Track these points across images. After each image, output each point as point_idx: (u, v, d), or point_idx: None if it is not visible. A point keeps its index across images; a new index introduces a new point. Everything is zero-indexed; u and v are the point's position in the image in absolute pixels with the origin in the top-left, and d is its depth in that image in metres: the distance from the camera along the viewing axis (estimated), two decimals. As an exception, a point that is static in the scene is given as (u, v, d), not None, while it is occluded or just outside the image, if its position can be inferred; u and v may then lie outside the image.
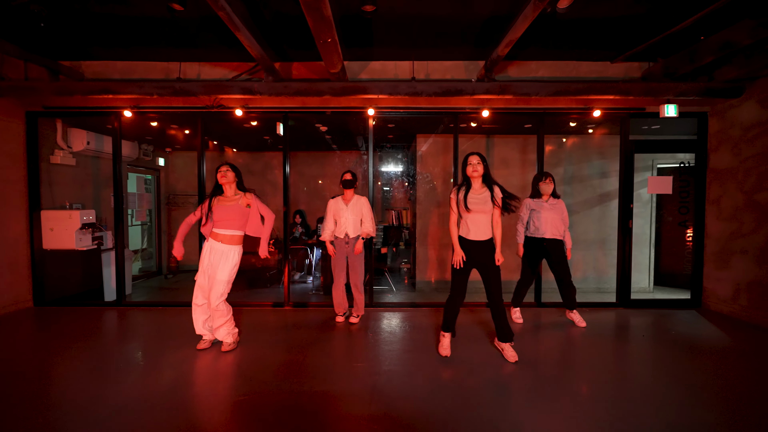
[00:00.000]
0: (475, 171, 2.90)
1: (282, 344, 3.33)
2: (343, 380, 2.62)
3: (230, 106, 4.37)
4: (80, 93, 3.94)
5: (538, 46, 4.03)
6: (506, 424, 2.10)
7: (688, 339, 3.46)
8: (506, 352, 2.97)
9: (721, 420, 2.15)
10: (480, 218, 2.90)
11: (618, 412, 2.23)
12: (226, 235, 3.09)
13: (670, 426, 2.08)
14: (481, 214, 2.89)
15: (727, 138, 4.22)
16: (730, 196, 4.16)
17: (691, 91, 3.95)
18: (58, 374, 2.73)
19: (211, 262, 3.08)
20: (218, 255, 3.07)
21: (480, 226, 2.90)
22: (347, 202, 3.89)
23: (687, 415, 2.19)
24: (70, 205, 4.86)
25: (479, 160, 2.92)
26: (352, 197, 3.91)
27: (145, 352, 3.16)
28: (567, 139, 5.91)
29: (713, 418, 2.17)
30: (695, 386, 2.56)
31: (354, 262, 3.87)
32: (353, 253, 3.85)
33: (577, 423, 2.11)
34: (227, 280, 3.06)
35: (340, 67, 3.70)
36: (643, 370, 2.86)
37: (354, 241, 3.86)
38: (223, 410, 2.23)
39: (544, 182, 3.81)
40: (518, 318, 4.00)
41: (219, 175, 3.16)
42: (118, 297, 4.61)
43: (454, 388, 2.51)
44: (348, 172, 3.93)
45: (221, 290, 3.03)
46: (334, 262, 3.92)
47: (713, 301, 4.37)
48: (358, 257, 3.86)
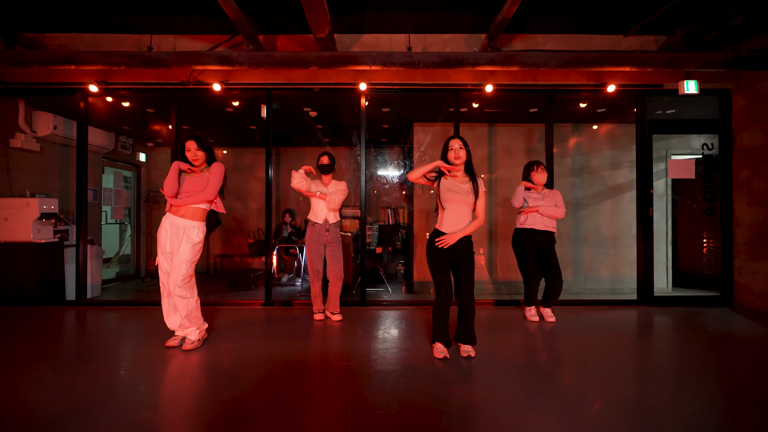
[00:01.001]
0: (457, 157, 2.49)
1: (250, 343, 2.82)
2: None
3: (208, 81, 3.97)
4: (38, 63, 3.53)
5: (545, 14, 3.69)
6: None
7: (730, 337, 2.97)
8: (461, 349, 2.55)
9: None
10: (459, 210, 2.49)
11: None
12: (188, 209, 2.64)
13: None
14: (463, 205, 2.49)
15: (756, 114, 3.83)
16: (763, 178, 3.74)
17: (715, 62, 3.58)
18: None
19: (171, 240, 2.62)
20: (180, 231, 2.61)
21: (459, 218, 2.49)
22: (325, 186, 3.51)
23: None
24: (32, 195, 4.39)
25: (461, 144, 2.52)
26: (330, 182, 3.53)
27: (94, 354, 2.64)
28: (574, 127, 5.52)
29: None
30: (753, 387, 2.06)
31: (333, 250, 3.43)
32: (332, 242, 3.43)
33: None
34: (189, 259, 2.59)
35: (327, 31, 3.32)
36: (687, 370, 2.36)
37: (336, 230, 3.45)
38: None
39: (536, 171, 3.42)
40: (533, 316, 3.50)
41: (188, 154, 2.71)
42: (78, 296, 4.09)
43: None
44: (325, 155, 3.51)
45: (183, 272, 2.56)
46: (310, 252, 3.45)
47: (747, 296, 3.89)
48: (337, 245, 3.44)
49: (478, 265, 5.50)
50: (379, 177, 6.71)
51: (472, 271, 2.49)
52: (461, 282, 2.49)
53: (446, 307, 2.49)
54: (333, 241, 3.43)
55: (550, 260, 3.40)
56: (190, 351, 2.61)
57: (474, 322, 2.51)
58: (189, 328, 2.68)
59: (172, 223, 2.63)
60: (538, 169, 3.42)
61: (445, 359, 2.46)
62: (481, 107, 4.68)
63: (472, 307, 2.49)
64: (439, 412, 1.77)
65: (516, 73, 4.02)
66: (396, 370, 2.29)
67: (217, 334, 2.99)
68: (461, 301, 2.49)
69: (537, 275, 3.43)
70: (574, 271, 5.44)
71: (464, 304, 2.48)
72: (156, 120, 5.39)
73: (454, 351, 2.59)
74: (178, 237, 2.61)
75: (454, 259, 2.51)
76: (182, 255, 2.57)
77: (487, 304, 4.12)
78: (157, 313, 3.69)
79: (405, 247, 6.26)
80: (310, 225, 3.47)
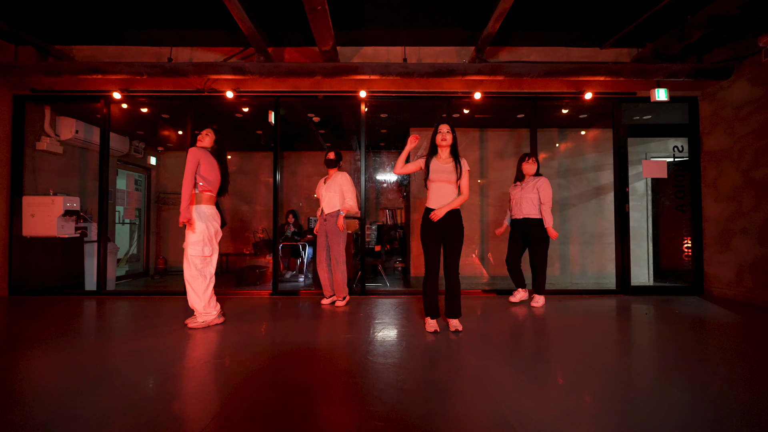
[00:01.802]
0: (443, 140, 2.82)
1: (261, 323, 3.14)
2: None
3: (221, 89, 4.34)
4: (69, 72, 3.90)
5: (528, 28, 4.07)
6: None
7: (696, 320, 3.31)
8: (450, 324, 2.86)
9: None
10: (444, 188, 2.80)
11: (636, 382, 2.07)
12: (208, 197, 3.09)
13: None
14: (446, 183, 2.80)
15: (720, 119, 4.21)
16: (727, 177, 4.11)
17: (681, 72, 3.97)
18: (27, 365, 2.53)
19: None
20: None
21: (444, 195, 2.80)
22: (327, 179, 3.87)
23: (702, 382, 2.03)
24: (55, 194, 4.72)
25: (449, 129, 2.84)
26: (332, 175, 3.87)
27: (121, 336, 2.96)
28: (560, 132, 5.91)
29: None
30: (711, 360, 2.40)
31: (332, 240, 3.74)
32: (331, 231, 3.74)
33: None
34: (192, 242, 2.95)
35: (331, 44, 3.70)
36: (650, 351, 2.70)
37: (333, 219, 3.75)
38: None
39: (527, 162, 3.78)
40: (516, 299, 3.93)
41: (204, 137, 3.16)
42: (99, 287, 4.40)
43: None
44: (332, 151, 3.87)
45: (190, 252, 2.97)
46: (317, 242, 3.87)
47: (716, 285, 4.24)
48: (336, 234, 3.72)
49: (473, 262, 5.84)
50: (378, 179, 7.07)
51: (459, 246, 2.76)
52: (447, 255, 2.77)
53: (435, 281, 2.78)
54: (330, 231, 3.73)
55: (535, 250, 3.71)
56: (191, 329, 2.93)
57: (460, 297, 2.83)
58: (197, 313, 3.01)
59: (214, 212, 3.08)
60: (529, 160, 3.78)
61: (436, 332, 2.78)
62: (471, 113, 5.06)
63: (457, 278, 2.77)
64: (428, 368, 2.10)
65: (502, 82, 4.40)
66: (392, 341, 2.62)
67: (234, 317, 3.32)
68: (447, 270, 2.78)
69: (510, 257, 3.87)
70: (562, 267, 5.78)
71: (450, 274, 2.77)
72: (166, 126, 5.75)
73: (443, 327, 2.91)
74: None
75: (445, 235, 2.78)
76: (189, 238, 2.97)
77: (476, 293, 4.45)
78: (173, 301, 4.02)
79: (402, 246, 6.59)
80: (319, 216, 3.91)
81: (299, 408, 1.60)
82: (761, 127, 3.74)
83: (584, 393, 1.78)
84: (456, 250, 2.77)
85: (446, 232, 2.79)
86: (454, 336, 2.72)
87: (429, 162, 2.84)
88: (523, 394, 1.75)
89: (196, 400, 1.70)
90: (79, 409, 1.60)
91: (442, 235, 2.80)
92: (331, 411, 1.59)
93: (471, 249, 5.84)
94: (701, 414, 1.58)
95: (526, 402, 1.66)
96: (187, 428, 1.45)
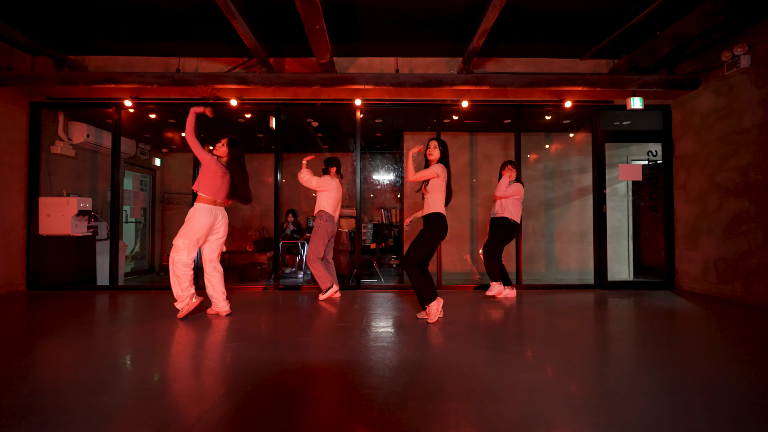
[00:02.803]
0: (431, 154, 3.16)
1: (265, 313, 3.45)
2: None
3: (225, 97, 4.63)
4: (84, 82, 4.19)
5: (511, 41, 4.39)
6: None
7: (659, 311, 3.64)
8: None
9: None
10: (428, 197, 3.13)
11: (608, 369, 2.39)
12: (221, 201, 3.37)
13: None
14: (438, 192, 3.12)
15: (689, 127, 4.54)
16: (695, 180, 4.44)
17: (652, 83, 4.29)
18: (45, 353, 2.83)
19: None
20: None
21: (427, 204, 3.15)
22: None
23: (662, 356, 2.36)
24: (68, 195, 5.02)
25: (436, 145, 3.16)
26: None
27: (130, 327, 3.27)
28: (546, 136, 6.23)
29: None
30: (672, 346, 2.73)
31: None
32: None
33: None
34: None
35: (328, 57, 4.00)
36: (619, 337, 3.02)
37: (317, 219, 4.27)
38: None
39: (505, 169, 4.15)
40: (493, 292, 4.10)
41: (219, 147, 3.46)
42: (111, 282, 4.71)
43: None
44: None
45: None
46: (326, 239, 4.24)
47: (685, 280, 4.57)
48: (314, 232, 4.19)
49: (462, 258, 6.16)
50: (374, 180, 7.38)
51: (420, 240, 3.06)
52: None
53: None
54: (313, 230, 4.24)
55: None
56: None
57: None
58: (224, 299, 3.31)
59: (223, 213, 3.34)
60: (506, 167, 4.17)
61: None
62: (461, 119, 5.38)
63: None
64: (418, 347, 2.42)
65: (488, 91, 4.71)
66: (385, 325, 2.94)
67: (240, 307, 3.63)
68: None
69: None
70: (546, 264, 6.12)
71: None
72: (172, 129, 6.04)
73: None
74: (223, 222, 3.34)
75: None
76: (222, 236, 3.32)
77: (468, 288, 4.77)
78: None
79: (397, 244, 6.90)
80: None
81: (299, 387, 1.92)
82: (724, 134, 4.07)
83: (547, 366, 2.10)
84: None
85: None
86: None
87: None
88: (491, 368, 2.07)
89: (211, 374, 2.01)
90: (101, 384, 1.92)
91: None
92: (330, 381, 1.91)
93: (461, 247, 6.17)
94: (647, 384, 1.90)
95: (492, 375, 1.98)
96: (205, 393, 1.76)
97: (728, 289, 4.01)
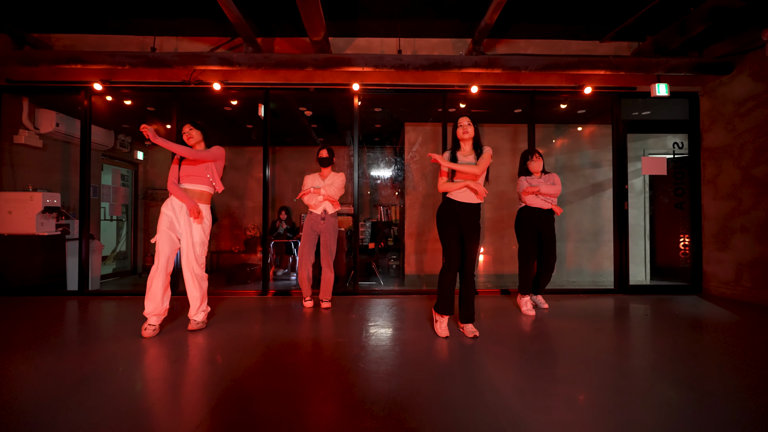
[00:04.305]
0: (465, 133, 2.74)
1: (249, 326, 3.01)
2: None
3: (208, 81, 4.17)
4: (47, 62, 3.71)
5: (526, 21, 3.95)
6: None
7: (698, 322, 3.24)
8: (466, 330, 2.74)
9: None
10: (478, 185, 2.70)
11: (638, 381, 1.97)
12: (195, 191, 2.80)
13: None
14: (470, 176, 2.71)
15: (719, 116, 4.13)
16: (726, 174, 4.04)
17: (681, 66, 3.88)
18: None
19: (179, 222, 2.74)
20: (186, 214, 2.75)
21: (468, 190, 2.71)
22: (324, 179, 3.64)
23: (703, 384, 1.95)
24: (34, 189, 4.53)
25: (469, 121, 2.77)
26: (329, 174, 3.66)
27: (89, 340, 2.82)
28: (558, 128, 5.81)
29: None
30: (708, 359, 2.32)
31: (326, 240, 3.56)
32: (330, 230, 3.57)
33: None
34: (202, 241, 2.78)
35: (322, 34, 3.55)
36: (650, 349, 2.61)
37: (333, 219, 3.61)
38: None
39: (531, 161, 3.48)
40: (528, 310, 3.40)
41: (184, 137, 2.87)
42: (81, 286, 4.24)
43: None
44: (324, 149, 3.63)
45: (199, 252, 2.77)
46: (304, 239, 3.58)
47: (714, 284, 4.18)
48: (331, 235, 3.57)
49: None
50: (372, 175, 6.93)
51: (476, 248, 2.69)
52: (465, 256, 2.67)
53: (454, 278, 2.66)
54: (327, 230, 3.56)
55: (548, 242, 3.44)
56: (195, 331, 2.79)
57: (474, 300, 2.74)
58: (199, 312, 2.83)
59: (178, 206, 2.75)
60: (533, 157, 3.49)
61: (447, 338, 2.64)
62: (468, 108, 4.94)
63: (473, 281, 2.69)
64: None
65: (499, 75, 4.28)
66: (386, 345, 2.50)
67: (223, 318, 3.18)
68: (463, 276, 2.69)
69: (533, 254, 3.45)
70: (558, 265, 5.71)
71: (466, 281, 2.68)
72: (154, 119, 5.56)
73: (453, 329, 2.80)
74: (188, 218, 2.73)
75: (463, 229, 2.67)
76: (197, 236, 2.75)
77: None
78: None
79: (397, 243, 6.48)
80: (308, 213, 3.64)
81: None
82: (762, 123, 3.67)
83: (581, 390, 1.68)
84: (475, 250, 2.68)
85: (466, 226, 2.68)
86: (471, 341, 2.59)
87: (454, 156, 2.75)
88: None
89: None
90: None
91: (461, 229, 2.69)
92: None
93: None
94: (702, 420, 1.49)
95: (527, 414, 1.56)
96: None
97: (767, 295, 3.61)
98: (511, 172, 5.63)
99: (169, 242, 2.70)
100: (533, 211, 3.45)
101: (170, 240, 2.71)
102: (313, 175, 3.69)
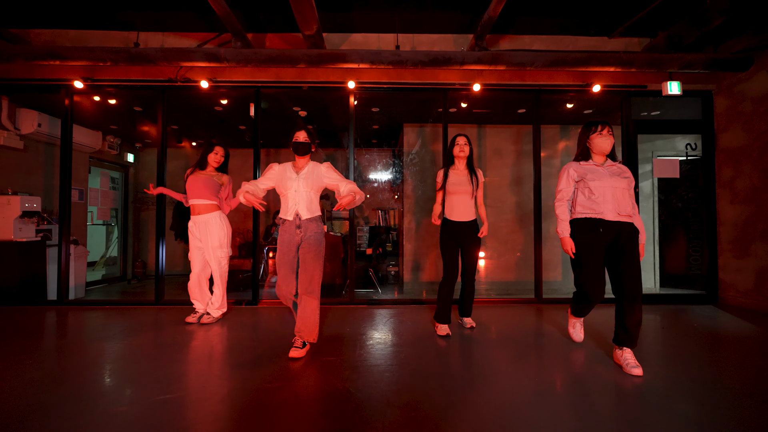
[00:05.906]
0: (461, 151, 2.92)
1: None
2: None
3: (196, 79, 3.95)
4: (22, 57, 3.49)
5: (531, 15, 3.74)
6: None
7: (719, 334, 2.99)
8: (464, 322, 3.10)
9: None
10: (463, 199, 2.90)
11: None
12: (201, 205, 3.19)
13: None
14: (464, 195, 2.90)
15: (737, 115, 3.90)
16: (745, 177, 3.80)
17: (696, 63, 3.65)
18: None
19: (199, 236, 3.21)
20: (202, 226, 3.18)
21: (462, 206, 2.90)
22: (299, 170, 2.55)
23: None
24: (14, 193, 4.30)
25: (466, 141, 2.95)
26: (306, 165, 2.58)
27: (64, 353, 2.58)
28: (563, 129, 5.59)
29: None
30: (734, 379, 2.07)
31: (304, 255, 2.43)
32: (312, 242, 2.45)
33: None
34: (219, 245, 3.20)
35: (315, 28, 3.33)
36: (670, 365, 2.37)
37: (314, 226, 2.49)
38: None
39: (599, 134, 2.29)
40: (578, 337, 2.66)
41: (213, 155, 3.33)
42: (60, 296, 4.00)
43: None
44: (302, 130, 2.58)
45: (218, 256, 3.20)
46: (280, 255, 2.47)
47: (732, 294, 3.93)
48: (311, 248, 2.43)
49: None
50: (370, 178, 6.70)
51: (476, 260, 2.93)
52: (466, 263, 2.93)
53: (452, 287, 2.86)
54: (306, 241, 2.45)
55: (631, 267, 2.14)
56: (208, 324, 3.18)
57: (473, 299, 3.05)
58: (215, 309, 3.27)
59: (195, 222, 3.21)
60: (603, 131, 2.30)
61: (448, 336, 2.81)
62: (470, 108, 4.72)
63: (472, 285, 2.98)
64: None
65: (503, 72, 4.06)
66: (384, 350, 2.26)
67: (204, 331, 2.94)
68: (464, 284, 2.98)
69: (591, 280, 2.24)
70: (564, 272, 5.47)
71: (465, 288, 2.99)
72: (144, 120, 5.34)
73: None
74: (204, 230, 3.18)
75: (462, 243, 2.89)
76: (213, 243, 3.18)
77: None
78: (143, 313, 3.63)
79: (395, 249, 6.24)
80: (279, 225, 2.55)
81: None
82: (785, 122, 3.44)
83: None
84: (474, 260, 2.93)
85: (464, 243, 2.90)
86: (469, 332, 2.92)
87: (447, 173, 2.94)
88: None
89: None
90: None
91: (460, 244, 2.91)
92: None
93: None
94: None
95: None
96: None
97: (790, 306, 3.37)
98: (515, 174, 5.40)
99: (198, 255, 3.22)
100: (592, 222, 2.27)
101: (199, 252, 3.22)
102: (285, 165, 2.60)
